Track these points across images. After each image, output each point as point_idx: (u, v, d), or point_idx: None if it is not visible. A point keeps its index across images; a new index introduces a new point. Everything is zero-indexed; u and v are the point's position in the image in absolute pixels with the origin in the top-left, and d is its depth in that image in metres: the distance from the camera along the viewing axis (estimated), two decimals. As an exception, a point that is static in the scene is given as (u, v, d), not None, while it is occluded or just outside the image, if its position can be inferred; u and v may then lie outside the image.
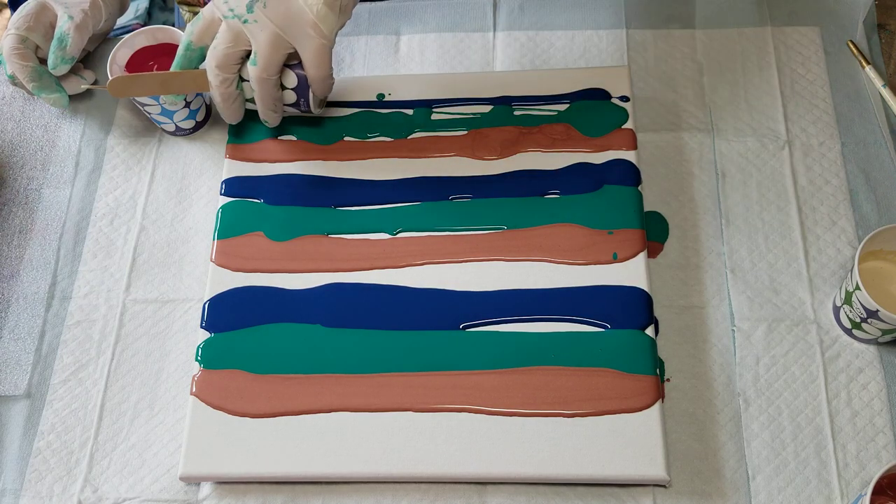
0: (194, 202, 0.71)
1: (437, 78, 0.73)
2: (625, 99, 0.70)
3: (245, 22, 0.61)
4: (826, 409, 0.60)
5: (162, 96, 0.67)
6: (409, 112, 0.71)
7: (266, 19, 0.60)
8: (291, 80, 0.63)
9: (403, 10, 0.79)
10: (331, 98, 0.72)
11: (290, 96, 0.65)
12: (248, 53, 0.62)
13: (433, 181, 0.68)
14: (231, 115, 0.67)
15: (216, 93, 0.64)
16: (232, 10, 0.61)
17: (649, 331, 0.61)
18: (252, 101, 0.65)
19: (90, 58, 0.78)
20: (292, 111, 0.67)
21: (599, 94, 0.70)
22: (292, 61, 0.63)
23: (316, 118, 0.71)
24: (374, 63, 0.77)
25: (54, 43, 0.70)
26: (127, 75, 0.66)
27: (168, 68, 0.72)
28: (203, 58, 0.65)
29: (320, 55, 0.61)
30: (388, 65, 0.77)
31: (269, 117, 0.67)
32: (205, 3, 0.90)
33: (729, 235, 0.67)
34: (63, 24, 0.70)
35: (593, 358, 0.60)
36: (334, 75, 0.76)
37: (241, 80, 0.64)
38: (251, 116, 0.72)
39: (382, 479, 0.58)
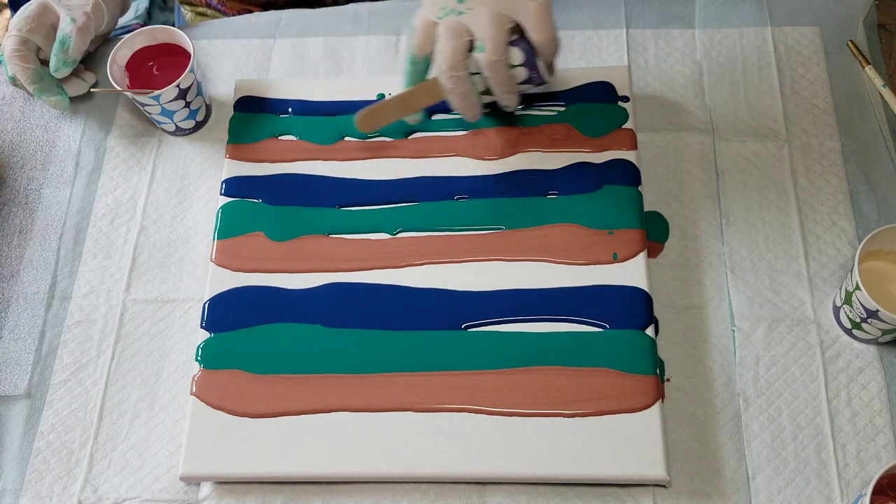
0: (194, 202, 0.71)
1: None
2: (625, 99, 0.70)
3: (460, 14, 0.59)
4: (826, 409, 0.60)
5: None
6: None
7: (479, 2, 0.59)
8: (517, 56, 0.61)
9: (403, 10, 0.79)
10: (331, 98, 0.72)
11: (521, 73, 0.62)
12: (471, 46, 0.61)
13: (433, 181, 0.68)
14: (471, 112, 0.64)
15: (453, 95, 0.62)
16: (443, 8, 0.60)
17: (649, 331, 0.61)
18: (485, 92, 0.63)
19: (90, 58, 0.78)
20: (526, 88, 0.64)
21: (604, 90, 0.70)
22: (512, 38, 0.60)
23: (316, 118, 0.71)
24: (374, 63, 0.77)
25: (56, 46, 0.70)
26: (368, 109, 0.66)
27: (168, 68, 0.72)
28: (427, 67, 0.64)
29: (543, 17, 0.59)
30: (388, 65, 0.77)
31: (509, 100, 0.63)
32: (211, 7, 0.90)
33: (729, 235, 0.67)
34: (65, 27, 0.70)
35: (593, 358, 0.60)
36: (340, 74, 0.77)
37: (470, 75, 0.62)
38: (251, 116, 0.72)
39: (382, 479, 0.58)
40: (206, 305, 0.64)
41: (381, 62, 0.77)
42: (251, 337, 0.62)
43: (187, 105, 0.70)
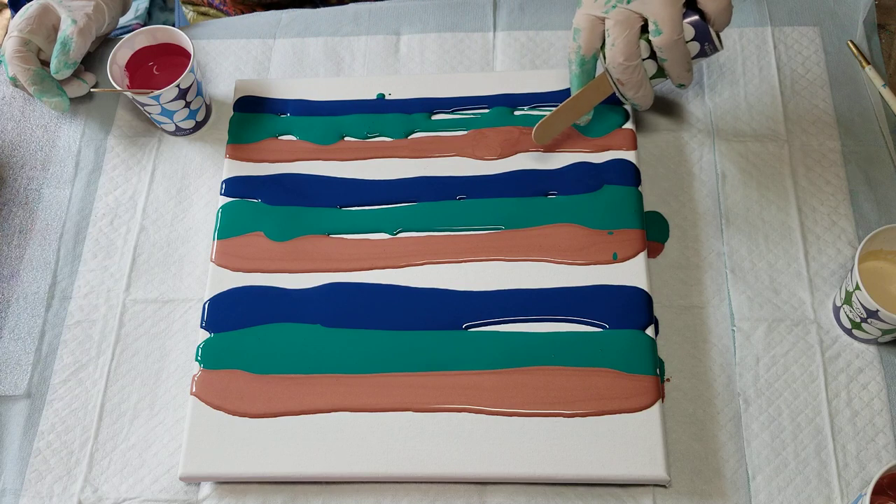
0: (194, 202, 0.71)
1: (437, 78, 0.73)
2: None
3: (629, 2, 0.59)
4: (826, 409, 0.60)
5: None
6: (409, 112, 0.71)
7: None
8: (688, 31, 0.60)
9: (403, 10, 0.79)
10: (331, 97, 0.73)
11: (694, 47, 0.61)
12: (643, 31, 0.60)
13: (433, 181, 0.68)
14: (647, 99, 0.64)
15: (628, 86, 0.62)
16: (609, 1, 0.60)
17: (649, 331, 0.61)
18: (656, 75, 0.63)
19: (90, 59, 0.78)
20: (698, 61, 0.63)
21: None
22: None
23: (316, 118, 0.71)
24: (374, 63, 0.77)
25: (57, 47, 0.70)
26: (543, 121, 0.66)
27: (168, 68, 0.72)
28: (595, 65, 0.64)
29: None
30: (388, 65, 0.77)
31: (685, 78, 0.63)
32: (213, 7, 0.90)
33: (729, 235, 0.67)
34: (66, 29, 0.70)
35: (593, 358, 0.60)
36: (340, 74, 0.76)
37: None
38: (251, 116, 0.72)
39: (382, 479, 0.58)
40: (206, 305, 0.64)
41: (381, 62, 0.77)
42: (251, 337, 0.62)
43: (187, 105, 0.70)
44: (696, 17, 0.60)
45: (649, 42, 0.61)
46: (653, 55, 0.62)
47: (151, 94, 0.67)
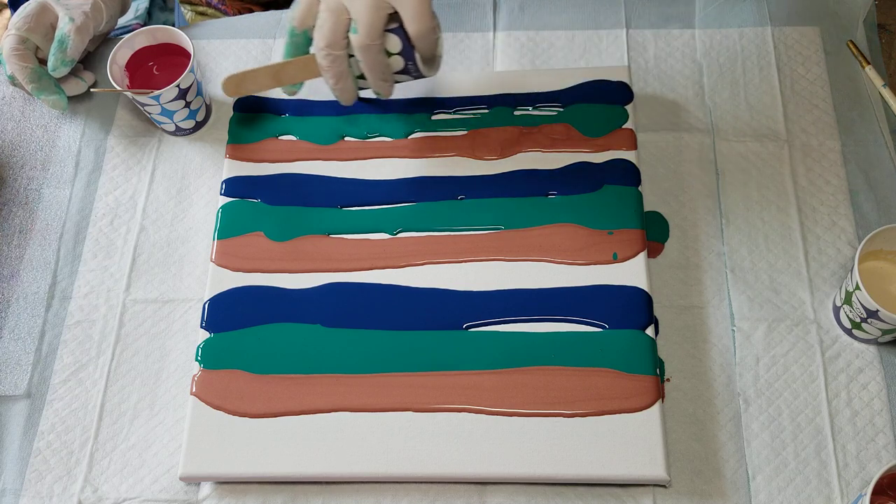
0: (194, 202, 0.71)
1: (438, 78, 0.73)
2: (627, 99, 0.70)
3: None
4: (826, 409, 0.60)
5: (273, 88, 0.65)
6: (409, 112, 0.71)
7: None
8: (394, 44, 0.60)
9: (403, 10, 0.79)
10: (331, 98, 0.72)
11: (398, 62, 0.61)
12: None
13: (433, 181, 0.68)
14: (345, 95, 0.64)
15: (328, 74, 0.62)
16: None
17: (649, 331, 0.61)
18: (362, 76, 0.63)
19: (90, 58, 0.78)
20: (404, 79, 0.64)
21: (604, 89, 0.70)
22: (392, 25, 0.60)
23: (315, 118, 0.71)
24: (373, 63, 0.77)
25: (55, 45, 0.70)
26: (238, 73, 0.65)
27: (168, 68, 0.72)
28: (309, 42, 0.63)
29: (421, 7, 0.58)
30: (388, 65, 0.77)
31: (381, 88, 0.63)
32: (212, 7, 0.90)
33: (729, 235, 0.67)
34: (64, 27, 0.70)
35: (593, 358, 0.60)
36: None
37: (349, 57, 0.62)
38: (251, 116, 0.72)
39: (382, 479, 0.58)
40: (206, 305, 0.64)
41: (381, 62, 0.77)
42: (251, 337, 0.62)
43: (187, 105, 0.70)
44: (405, 34, 0.59)
45: None
46: None
47: (151, 94, 0.67)
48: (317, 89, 0.73)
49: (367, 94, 0.70)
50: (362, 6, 0.58)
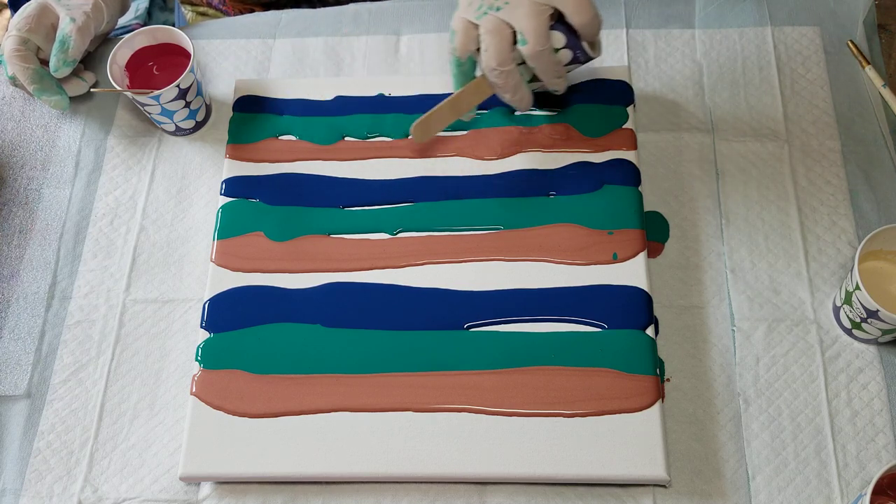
0: (194, 202, 0.71)
1: (437, 78, 0.73)
2: (628, 100, 0.70)
3: (498, 10, 0.59)
4: (826, 409, 0.60)
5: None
6: (409, 112, 0.71)
7: None
8: (559, 39, 0.61)
9: (403, 10, 0.79)
10: (330, 98, 0.72)
11: (566, 55, 0.62)
12: (515, 38, 0.60)
13: (433, 181, 0.68)
14: (523, 103, 0.64)
15: (504, 90, 0.63)
16: (479, 7, 0.60)
17: (649, 331, 0.61)
18: (532, 80, 0.63)
19: (90, 58, 0.78)
20: (574, 68, 0.64)
21: (604, 89, 0.70)
22: (551, 22, 0.60)
23: (316, 118, 0.71)
24: (374, 63, 0.77)
25: (56, 46, 0.70)
26: (422, 118, 0.66)
27: (168, 68, 0.72)
28: (474, 66, 0.64)
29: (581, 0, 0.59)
30: (388, 65, 0.77)
31: (558, 84, 0.63)
32: (212, 7, 0.90)
33: (729, 235, 0.67)
34: (65, 27, 0.70)
35: (593, 358, 0.60)
36: (340, 74, 0.76)
37: (517, 66, 0.62)
38: (251, 116, 0.72)
39: (382, 479, 0.58)
40: (206, 305, 0.64)
41: (381, 62, 0.77)
42: (251, 337, 0.62)
43: (187, 105, 0.70)
44: (566, 26, 0.60)
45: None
46: None
47: (151, 94, 0.67)
48: (317, 90, 0.73)
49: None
50: (524, 16, 0.59)
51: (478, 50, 0.62)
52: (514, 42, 0.60)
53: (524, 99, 0.64)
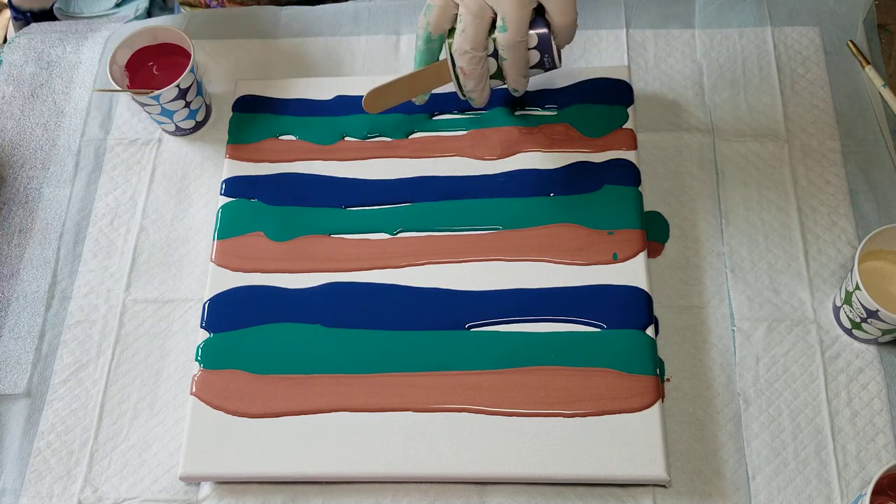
0: (194, 202, 0.71)
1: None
2: (628, 100, 0.70)
3: None
4: (826, 409, 0.60)
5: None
6: (409, 112, 0.71)
7: None
8: (532, 38, 0.60)
9: (403, 10, 0.79)
10: (330, 98, 0.72)
11: (534, 56, 0.61)
12: (493, 26, 0.59)
13: (433, 181, 0.68)
14: (482, 96, 0.62)
15: (469, 77, 0.60)
16: None
17: (649, 331, 0.61)
18: (494, 76, 0.61)
19: (90, 58, 0.78)
20: (536, 72, 0.63)
21: (604, 89, 0.70)
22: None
23: (316, 118, 0.71)
24: (374, 63, 0.77)
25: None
26: (376, 87, 0.64)
27: (168, 68, 0.72)
28: (440, 47, 0.62)
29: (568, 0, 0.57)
30: (388, 65, 0.77)
31: (520, 84, 0.62)
32: (206, 4, 0.90)
33: (729, 235, 0.67)
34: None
35: (593, 358, 0.60)
36: (340, 74, 0.76)
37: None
38: (251, 116, 0.72)
39: (382, 479, 0.58)
40: (206, 305, 0.64)
41: (381, 62, 0.77)
42: (251, 337, 0.62)
43: (187, 105, 0.70)
44: (542, 27, 0.59)
45: (494, 41, 0.60)
46: (494, 54, 0.60)
47: (151, 94, 0.67)
48: (317, 90, 0.73)
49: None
50: (510, 3, 0.57)
51: (450, 31, 0.60)
52: (492, 29, 0.59)
53: (484, 92, 0.62)
